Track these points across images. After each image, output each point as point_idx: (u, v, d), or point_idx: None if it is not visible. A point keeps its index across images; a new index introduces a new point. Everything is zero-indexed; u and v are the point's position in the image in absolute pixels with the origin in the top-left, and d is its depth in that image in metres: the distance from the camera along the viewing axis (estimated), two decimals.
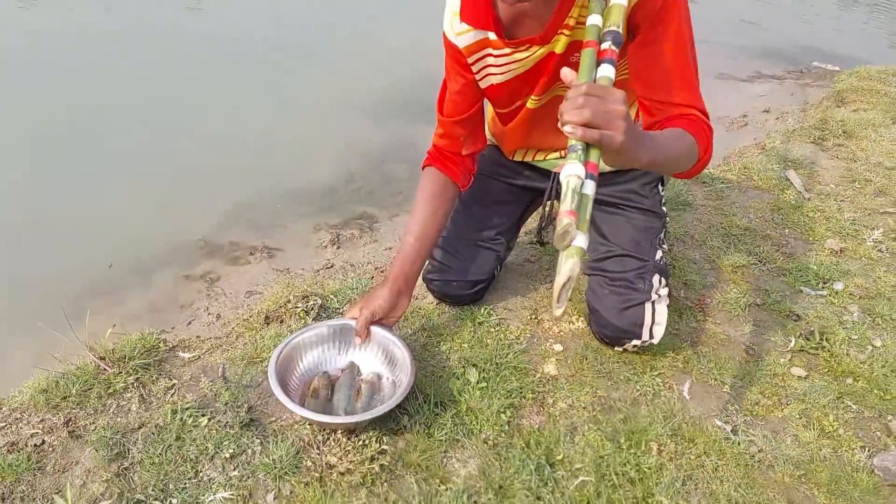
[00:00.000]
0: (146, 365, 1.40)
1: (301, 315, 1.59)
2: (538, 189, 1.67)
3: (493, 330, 1.62)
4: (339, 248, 2.35)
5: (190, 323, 1.88)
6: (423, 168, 1.54)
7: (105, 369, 1.36)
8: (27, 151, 2.58)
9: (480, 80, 1.40)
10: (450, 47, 1.36)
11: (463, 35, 1.31)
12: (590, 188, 0.94)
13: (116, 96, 3.02)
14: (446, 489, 1.21)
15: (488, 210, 1.69)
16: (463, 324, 1.63)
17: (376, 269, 1.99)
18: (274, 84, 3.41)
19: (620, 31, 1.02)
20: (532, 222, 1.92)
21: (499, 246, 1.68)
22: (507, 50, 1.30)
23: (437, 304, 1.69)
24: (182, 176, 2.61)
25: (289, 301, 1.62)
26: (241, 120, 3.04)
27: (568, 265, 0.92)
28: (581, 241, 0.92)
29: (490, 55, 1.33)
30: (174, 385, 1.37)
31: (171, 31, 3.78)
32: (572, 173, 0.93)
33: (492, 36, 1.29)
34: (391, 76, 3.57)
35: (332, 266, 2.16)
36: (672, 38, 1.20)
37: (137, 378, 1.36)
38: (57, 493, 1.11)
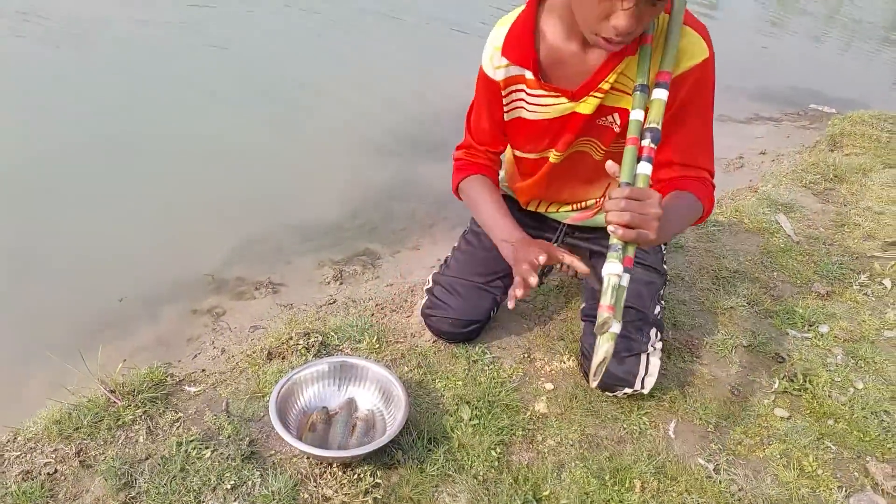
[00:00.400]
0: (154, 398, 1.47)
1: (302, 352, 1.66)
2: (545, 238, 1.74)
3: (486, 368, 1.68)
4: (341, 283, 2.42)
5: (196, 356, 1.94)
6: (459, 181, 1.62)
7: (115, 402, 1.43)
8: (43, 185, 2.67)
9: (509, 111, 1.47)
10: (487, 81, 1.44)
11: (501, 69, 1.40)
12: (625, 280, 1.12)
13: (131, 131, 3.12)
14: None
15: (492, 256, 1.75)
16: (458, 361, 1.69)
17: (377, 305, 2.05)
18: (284, 121, 3.52)
19: (659, 127, 1.18)
20: None
21: (497, 290, 1.75)
22: (540, 91, 1.38)
23: (433, 342, 1.75)
24: (192, 210, 2.69)
25: (290, 338, 1.69)
26: (250, 156, 3.14)
27: (604, 348, 1.11)
28: (616, 328, 1.11)
29: (524, 90, 1.41)
30: (180, 418, 1.44)
31: (186, 67, 3.91)
32: (613, 272, 1.11)
33: (528, 74, 1.38)
34: (396, 116, 3.68)
35: (334, 302, 2.22)
36: (703, 111, 1.38)
37: (145, 411, 1.43)
38: None
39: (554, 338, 1.82)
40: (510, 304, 1.33)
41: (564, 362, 1.73)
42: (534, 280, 1.31)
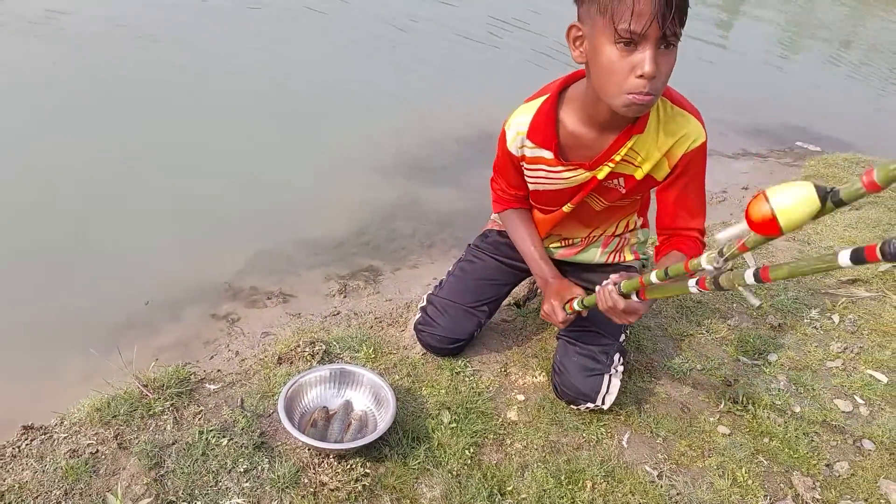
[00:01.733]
0: (180, 392, 1.72)
1: (307, 358, 1.90)
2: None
3: (467, 379, 1.93)
4: (345, 297, 2.67)
5: (212, 357, 2.19)
6: (499, 211, 1.92)
7: (147, 395, 1.68)
8: (77, 197, 2.93)
9: (531, 184, 1.74)
10: (510, 155, 1.69)
11: (525, 149, 1.66)
12: None
13: (158, 153, 3.38)
14: None
15: (481, 284, 2.00)
16: (442, 372, 1.94)
17: (376, 318, 2.29)
18: (297, 143, 3.78)
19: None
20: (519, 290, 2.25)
21: (482, 314, 1.99)
22: (559, 168, 1.64)
23: (422, 354, 2.00)
24: (212, 225, 2.95)
25: (298, 345, 1.94)
26: (265, 175, 3.39)
27: None
28: None
29: (543, 169, 1.67)
30: (201, 410, 1.69)
31: (206, 89, 4.17)
32: None
33: (548, 155, 1.63)
34: (401, 142, 3.92)
35: (338, 313, 2.47)
36: (697, 178, 1.63)
37: (172, 403, 1.68)
38: (108, 491, 1.42)
39: (529, 355, 2.06)
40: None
41: (536, 377, 1.98)
42: (560, 315, 1.69)
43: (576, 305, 1.65)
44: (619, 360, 1.85)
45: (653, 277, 1.31)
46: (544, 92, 1.62)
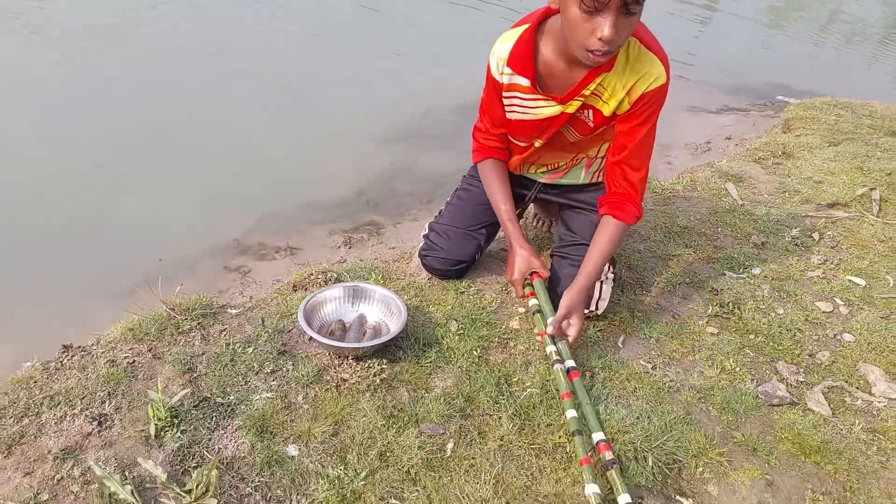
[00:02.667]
0: (204, 314, 1.85)
1: (321, 284, 2.03)
2: (521, 195, 2.13)
3: (471, 297, 2.06)
4: (350, 248, 2.80)
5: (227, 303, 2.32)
6: (477, 161, 2.04)
7: (175, 316, 1.81)
8: (100, 166, 3.08)
9: (509, 112, 1.87)
10: (494, 81, 1.83)
11: (505, 75, 1.78)
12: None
13: (172, 122, 3.52)
14: (429, 396, 1.64)
15: (479, 209, 2.13)
16: (447, 293, 2.07)
17: (383, 262, 2.42)
18: (300, 114, 3.91)
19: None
20: None
21: (481, 236, 2.12)
22: (534, 97, 1.77)
23: (428, 279, 2.13)
24: (221, 188, 3.08)
25: (311, 274, 2.07)
26: (271, 143, 3.53)
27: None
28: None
29: (518, 97, 1.80)
30: (226, 329, 1.82)
31: (215, 68, 4.32)
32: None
33: (524, 82, 1.76)
34: (397, 111, 4.06)
35: (344, 262, 2.60)
36: (647, 129, 1.75)
37: (199, 323, 1.81)
38: (149, 389, 1.55)
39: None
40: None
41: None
42: (519, 292, 1.93)
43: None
44: (609, 268, 1.98)
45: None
46: (526, 21, 1.75)
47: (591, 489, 1.41)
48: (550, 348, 1.76)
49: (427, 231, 2.14)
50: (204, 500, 1.36)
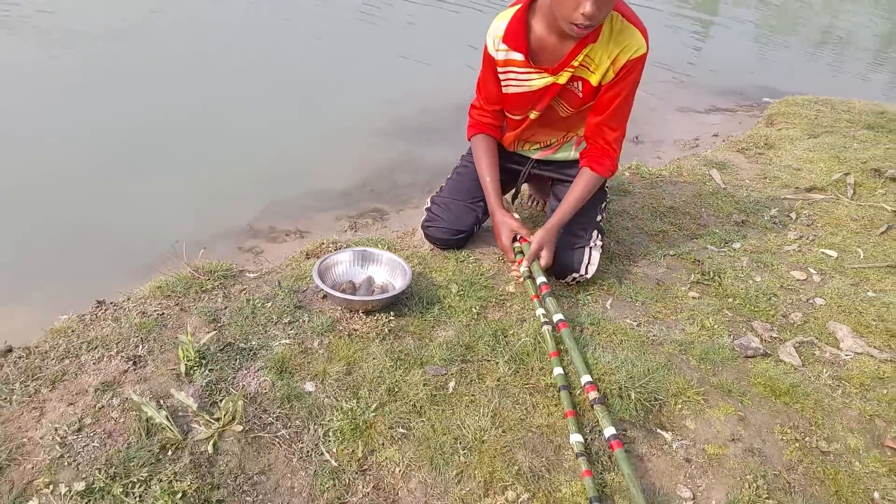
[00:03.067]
0: (225, 276, 2.01)
1: (332, 251, 2.20)
2: (516, 171, 2.31)
3: (470, 265, 2.22)
4: (356, 231, 2.96)
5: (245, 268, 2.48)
6: (471, 136, 2.22)
7: (199, 277, 1.97)
8: (124, 154, 3.25)
9: (505, 86, 2.05)
10: (490, 58, 2.01)
11: (501, 52, 1.97)
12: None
13: (189, 118, 3.71)
14: (433, 343, 1.80)
15: (476, 184, 2.30)
16: (448, 261, 2.23)
17: (388, 236, 2.58)
18: (310, 110, 4.11)
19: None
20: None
21: (479, 208, 2.29)
22: (528, 69, 1.95)
23: (431, 250, 2.29)
24: (234, 178, 3.25)
25: (323, 244, 2.24)
26: (281, 138, 3.71)
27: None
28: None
29: (513, 71, 1.98)
30: (246, 288, 1.98)
31: (234, 66, 4.52)
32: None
33: (519, 57, 1.94)
34: (398, 108, 4.25)
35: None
36: (626, 93, 1.95)
37: (221, 283, 1.98)
38: (178, 334, 1.71)
39: None
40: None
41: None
42: (510, 255, 2.10)
43: (523, 268, 2.05)
44: (597, 235, 2.15)
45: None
46: (519, 1, 1.94)
47: (575, 438, 1.56)
48: (540, 311, 1.92)
49: (429, 204, 2.30)
50: (231, 426, 1.52)
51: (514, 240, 2.10)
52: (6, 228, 2.60)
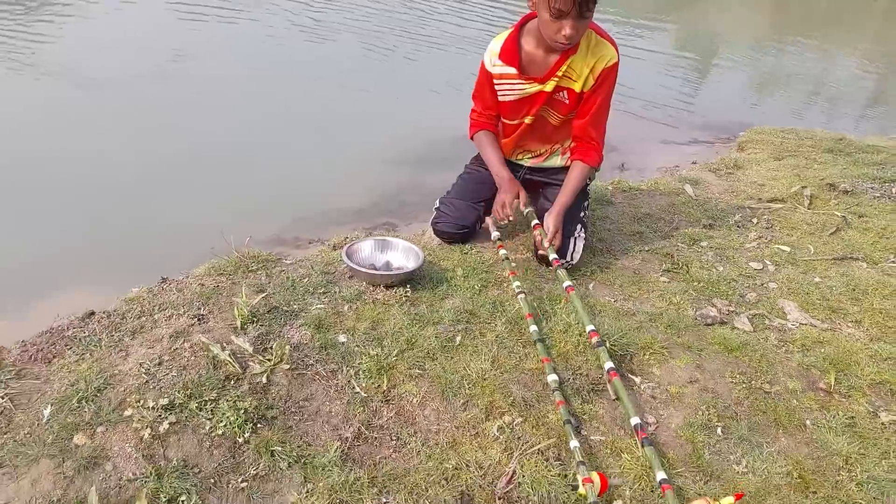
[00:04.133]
0: (266, 261, 2.39)
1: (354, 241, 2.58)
2: (514, 175, 2.70)
3: (473, 255, 2.60)
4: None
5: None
6: (473, 134, 2.63)
7: (245, 260, 2.35)
8: (167, 174, 3.66)
9: (500, 95, 2.46)
10: (487, 72, 2.43)
11: (497, 67, 2.39)
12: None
13: (221, 147, 4.14)
14: (442, 309, 2.17)
15: (478, 187, 2.69)
16: (454, 253, 2.61)
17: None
18: (326, 140, 4.55)
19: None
20: None
21: (480, 207, 2.68)
22: (519, 81, 2.37)
23: (439, 244, 2.67)
24: (261, 198, 3.65)
25: (347, 237, 2.62)
26: (301, 164, 4.13)
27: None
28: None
29: (507, 83, 2.40)
30: (284, 269, 2.35)
31: (259, 104, 4.99)
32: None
33: (512, 70, 2.36)
34: (406, 140, 4.67)
35: None
36: (605, 98, 2.38)
37: (263, 266, 2.35)
38: (234, 297, 2.08)
39: (518, 242, 2.74)
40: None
41: (523, 253, 2.65)
42: (509, 209, 2.47)
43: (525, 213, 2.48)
44: (581, 229, 2.53)
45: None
46: (512, 26, 2.37)
47: (552, 378, 1.91)
48: (516, 283, 2.27)
49: (438, 204, 2.70)
50: (280, 365, 1.88)
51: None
52: (82, 228, 3.00)
